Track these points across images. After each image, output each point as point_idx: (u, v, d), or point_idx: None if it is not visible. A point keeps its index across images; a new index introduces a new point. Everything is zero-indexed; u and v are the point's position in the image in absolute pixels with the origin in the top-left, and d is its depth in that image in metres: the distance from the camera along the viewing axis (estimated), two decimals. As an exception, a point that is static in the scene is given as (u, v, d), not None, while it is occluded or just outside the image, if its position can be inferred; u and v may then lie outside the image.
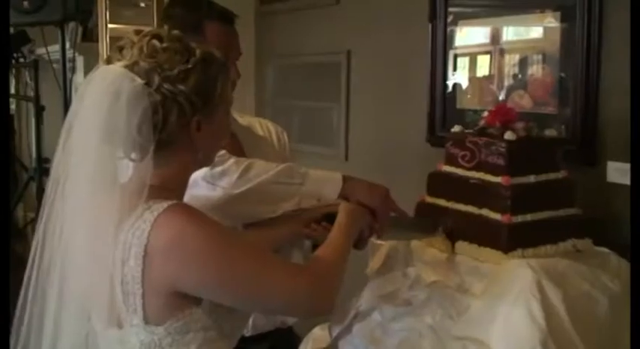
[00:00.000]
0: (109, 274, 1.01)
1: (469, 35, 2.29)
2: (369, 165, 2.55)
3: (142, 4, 3.53)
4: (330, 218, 1.33)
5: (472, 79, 2.27)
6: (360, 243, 1.34)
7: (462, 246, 1.52)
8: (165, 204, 1.02)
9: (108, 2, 3.26)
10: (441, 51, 2.30)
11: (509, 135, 1.49)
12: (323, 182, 1.40)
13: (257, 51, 3.40)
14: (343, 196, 1.39)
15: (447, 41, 2.29)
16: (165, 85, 1.04)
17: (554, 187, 1.54)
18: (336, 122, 2.90)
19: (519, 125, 1.55)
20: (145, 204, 1.02)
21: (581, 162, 1.81)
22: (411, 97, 2.43)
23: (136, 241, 1.00)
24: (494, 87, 2.21)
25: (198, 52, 1.08)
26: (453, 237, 1.54)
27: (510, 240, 1.43)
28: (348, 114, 2.82)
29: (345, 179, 1.41)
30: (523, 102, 2.09)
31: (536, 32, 2.12)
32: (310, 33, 3.04)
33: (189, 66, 1.06)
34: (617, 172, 1.77)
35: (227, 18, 1.52)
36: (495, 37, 2.20)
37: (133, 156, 1.06)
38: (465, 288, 1.46)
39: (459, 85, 2.30)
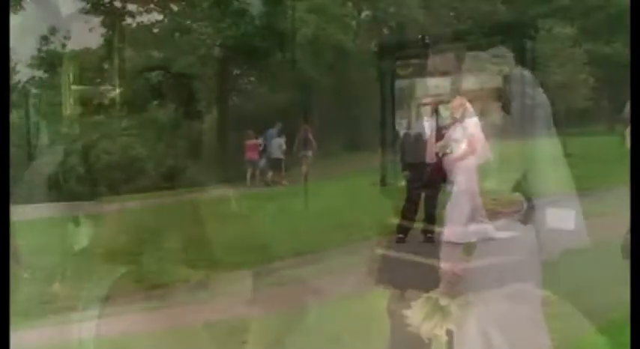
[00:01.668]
0: None
1: (420, 89, 2.49)
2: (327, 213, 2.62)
3: None
4: None
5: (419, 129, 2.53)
6: None
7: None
8: None
9: None
10: (389, 106, 2.46)
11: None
12: None
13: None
14: None
15: (395, 98, 2.46)
16: None
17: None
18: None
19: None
20: None
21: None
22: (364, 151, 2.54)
23: None
24: (434, 140, 2.53)
25: None
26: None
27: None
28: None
29: None
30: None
31: (476, 84, 2.48)
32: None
33: None
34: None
35: None
36: (443, 88, 2.47)
37: None
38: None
39: (416, 135, 2.53)
